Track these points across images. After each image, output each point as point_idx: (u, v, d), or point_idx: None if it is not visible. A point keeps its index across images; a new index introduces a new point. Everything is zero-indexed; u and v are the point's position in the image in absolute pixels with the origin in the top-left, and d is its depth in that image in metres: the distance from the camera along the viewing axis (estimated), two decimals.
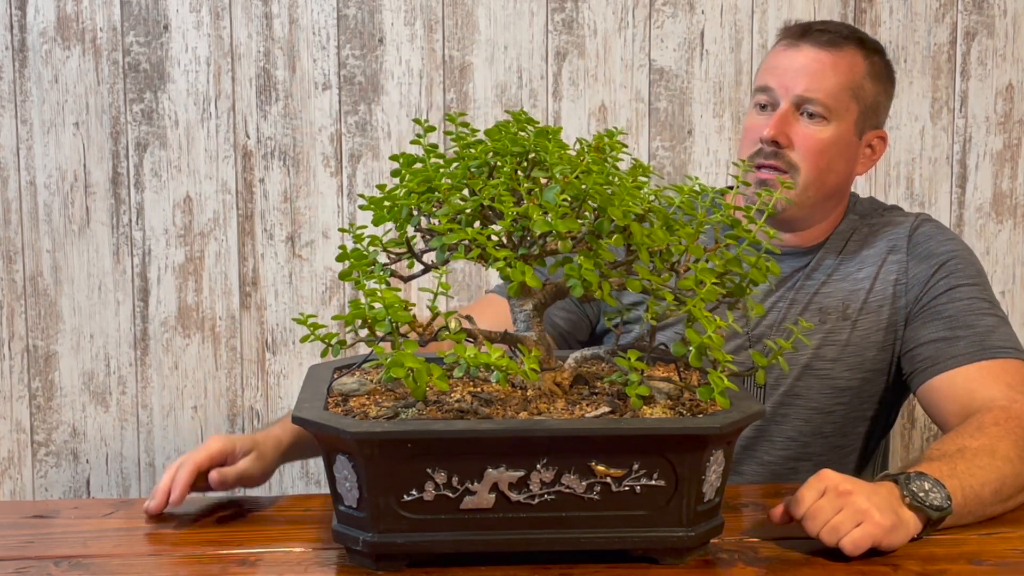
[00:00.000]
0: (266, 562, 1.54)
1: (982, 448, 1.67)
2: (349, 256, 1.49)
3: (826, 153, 1.97)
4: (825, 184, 1.99)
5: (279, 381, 2.72)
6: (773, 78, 1.98)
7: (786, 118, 1.95)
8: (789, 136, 1.95)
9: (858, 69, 1.99)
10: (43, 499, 2.70)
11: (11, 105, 2.62)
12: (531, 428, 1.43)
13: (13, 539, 1.64)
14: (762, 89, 1.99)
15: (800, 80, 1.96)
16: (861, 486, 1.55)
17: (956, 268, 1.98)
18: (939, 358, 1.91)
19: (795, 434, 2.03)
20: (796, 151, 1.96)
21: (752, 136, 1.98)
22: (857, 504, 1.52)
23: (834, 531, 1.51)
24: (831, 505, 1.52)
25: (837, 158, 1.98)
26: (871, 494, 1.54)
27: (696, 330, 1.49)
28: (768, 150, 1.95)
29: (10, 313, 2.67)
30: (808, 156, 1.96)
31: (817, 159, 1.96)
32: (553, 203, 1.44)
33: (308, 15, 2.62)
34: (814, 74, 1.96)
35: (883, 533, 1.52)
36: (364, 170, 2.67)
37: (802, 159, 1.96)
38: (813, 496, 1.54)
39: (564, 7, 2.64)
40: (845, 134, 1.98)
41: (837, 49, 1.98)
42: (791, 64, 1.97)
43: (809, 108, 1.96)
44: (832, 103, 1.96)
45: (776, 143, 1.95)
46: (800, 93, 1.95)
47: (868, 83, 2.00)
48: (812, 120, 1.96)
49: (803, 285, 2.03)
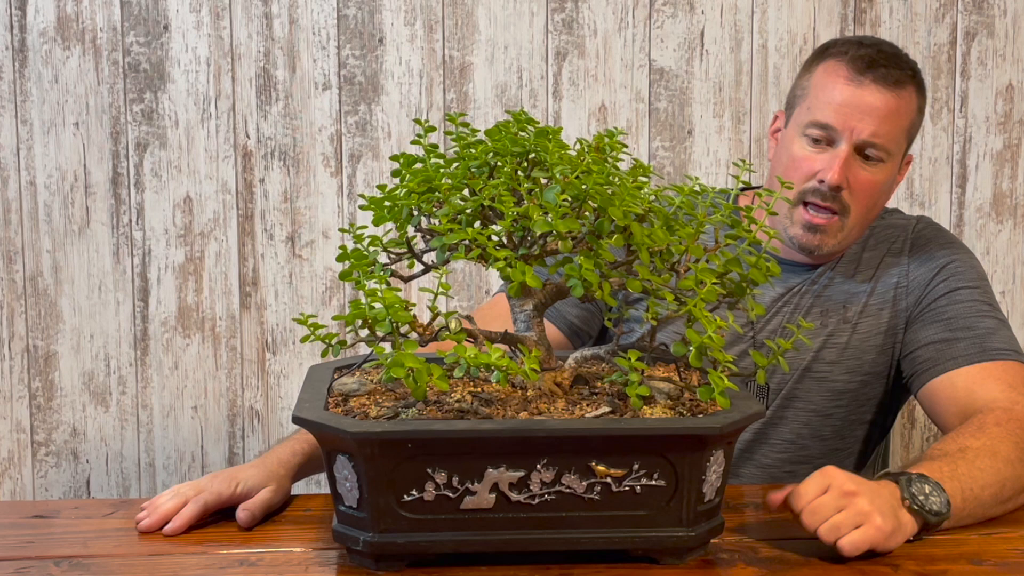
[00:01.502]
0: (266, 562, 1.54)
1: (983, 449, 1.66)
2: (349, 256, 1.49)
3: (878, 195, 1.96)
4: (868, 221, 1.99)
5: (279, 381, 2.72)
6: (836, 117, 1.91)
7: (849, 163, 1.91)
8: (848, 179, 1.92)
9: (914, 107, 1.95)
10: (43, 499, 2.70)
11: (11, 105, 2.62)
12: (531, 428, 1.43)
13: (13, 539, 1.64)
14: (820, 125, 1.92)
15: (866, 124, 1.90)
16: (865, 486, 1.54)
17: (957, 271, 1.98)
18: (939, 359, 1.91)
19: (793, 437, 2.03)
20: (851, 193, 1.92)
21: (806, 171, 1.93)
22: (860, 505, 1.51)
23: (834, 530, 1.51)
24: (833, 503, 1.52)
25: (884, 195, 1.98)
26: (874, 496, 1.53)
27: (696, 330, 1.49)
28: (829, 194, 1.92)
29: (10, 313, 2.67)
30: (862, 199, 1.93)
31: (870, 201, 1.95)
32: (553, 203, 1.44)
33: (308, 15, 2.62)
34: (880, 119, 1.90)
35: (883, 538, 1.51)
36: (364, 170, 2.67)
37: (855, 201, 1.93)
38: (815, 491, 1.53)
39: (564, 7, 2.64)
40: (893, 171, 1.97)
41: (901, 90, 1.92)
42: (856, 104, 1.90)
43: (870, 152, 1.92)
44: (892, 147, 1.93)
45: (838, 188, 1.91)
46: (865, 138, 1.90)
47: (918, 118, 1.98)
48: (869, 163, 1.92)
49: (807, 290, 2.03)
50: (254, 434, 2.73)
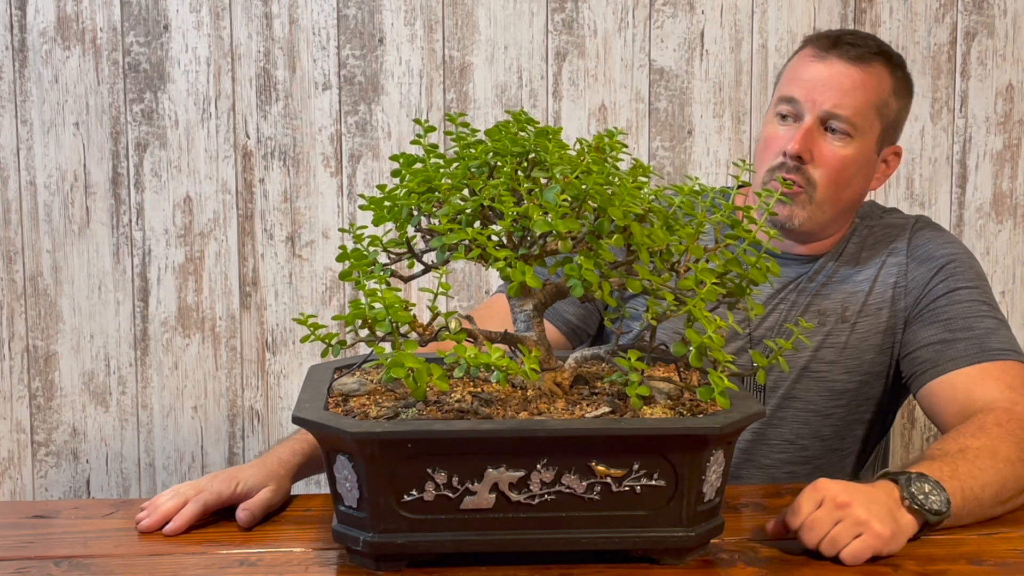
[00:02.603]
0: (266, 562, 1.54)
1: (984, 449, 1.66)
2: (349, 256, 1.49)
3: (846, 171, 1.94)
4: (841, 200, 1.97)
5: (279, 381, 2.72)
6: (799, 90, 1.93)
7: (811, 133, 1.91)
8: (812, 151, 1.92)
9: (885, 86, 1.95)
10: (43, 499, 2.70)
11: (11, 105, 2.62)
12: (531, 428, 1.43)
13: (13, 539, 1.64)
14: (786, 100, 1.94)
15: (828, 95, 1.91)
16: (859, 494, 1.53)
17: (956, 271, 1.98)
18: (939, 360, 1.90)
19: (793, 437, 2.03)
20: (816, 167, 1.93)
21: (774, 147, 1.95)
22: (856, 515, 1.51)
23: (833, 543, 1.50)
24: (829, 516, 1.51)
25: (856, 175, 1.96)
26: (870, 503, 1.52)
27: (696, 330, 1.49)
28: (791, 164, 1.92)
29: (10, 313, 2.67)
30: (828, 173, 1.93)
31: (837, 176, 1.94)
32: (553, 203, 1.44)
33: (308, 15, 2.62)
34: (843, 90, 1.91)
35: (883, 543, 1.51)
36: (364, 170, 2.67)
37: (821, 175, 1.93)
38: (810, 507, 1.53)
39: (564, 7, 2.64)
40: (866, 151, 1.96)
41: (866, 65, 1.93)
42: (819, 77, 1.93)
43: (834, 124, 1.92)
44: (858, 120, 1.92)
45: (799, 158, 1.91)
46: (827, 109, 1.91)
47: (893, 100, 1.97)
48: (835, 136, 1.93)
49: (804, 288, 2.03)
50: (254, 434, 2.73)
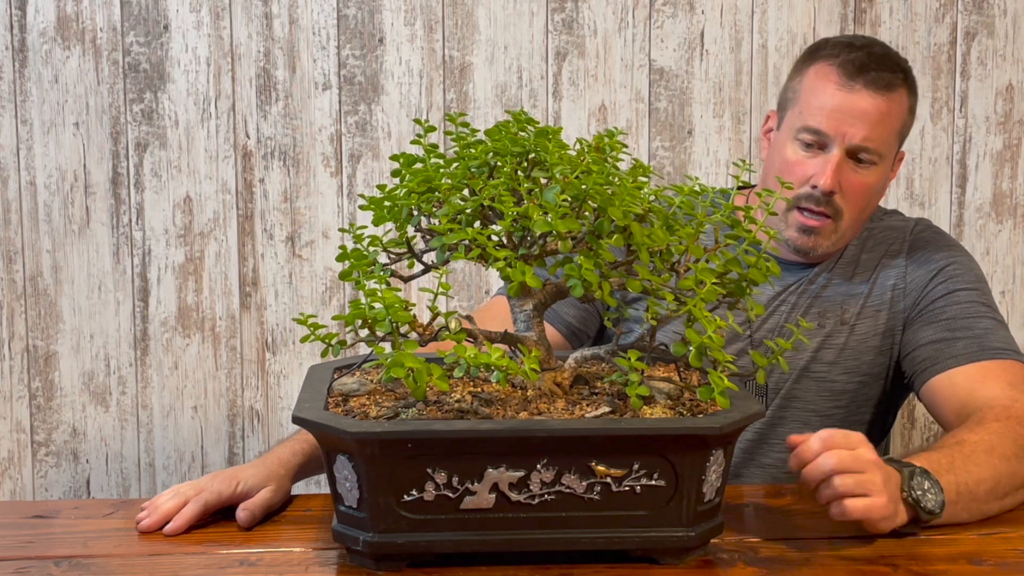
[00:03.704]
0: (266, 562, 1.54)
1: (980, 443, 1.67)
2: (349, 256, 1.49)
3: (872, 198, 1.97)
4: (861, 221, 2.00)
5: (279, 381, 2.72)
6: (828, 123, 1.91)
7: (841, 167, 1.91)
8: (840, 183, 1.92)
9: (905, 108, 1.96)
10: (43, 499, 2.70)
11: (11, 105, 2.62)
12: (531, 428, 1.43)
13: (13, 539, 1.64)
14: (812, 131, 1.92)
15: (858, 129, 1.90)
16: (884, 468, 1.55)
17: (955, 272, 1.99)
18: (939, 358, 1.91)
19: None
20: (844, 197, 1.93)
21: (799, 176, 1.93)
22: (874, 479, 1.52)
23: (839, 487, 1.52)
24: (855, 463, 1.53)
25: (876, 196, 1.99)
26: (888, 477, 1.55)
27: (696, 330, 1.49)
28: (821, 198, 1.92)
29: (10, 313, 2.67)
30: (855, 201, 1.94)
31: (863, 204, 1.96)
32: (553, 203, 1.44)
33: (308, 15, 2.63)
34: (871, 123, 1.90)
35: (880, 517, 1.53)
36: (364, 170, 2.67)
37: (848, 204, 1.94)
38: (843, 443, 1.54)
39: (564, 7, 2.64)
40: (885, 171, 1.97)
41: (892, 93, 1.92)
42: (848, 110, 1.90)
43: (863, 156, 1.92)
44: (884, 149, 1.93)
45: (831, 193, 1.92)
46: (857, 143, 1.91)
47: (909, 118, 1.98)
48: (861, 166, 1.93)
49: (805, 290, 2.03)
50: (254, 434, 2.73)
